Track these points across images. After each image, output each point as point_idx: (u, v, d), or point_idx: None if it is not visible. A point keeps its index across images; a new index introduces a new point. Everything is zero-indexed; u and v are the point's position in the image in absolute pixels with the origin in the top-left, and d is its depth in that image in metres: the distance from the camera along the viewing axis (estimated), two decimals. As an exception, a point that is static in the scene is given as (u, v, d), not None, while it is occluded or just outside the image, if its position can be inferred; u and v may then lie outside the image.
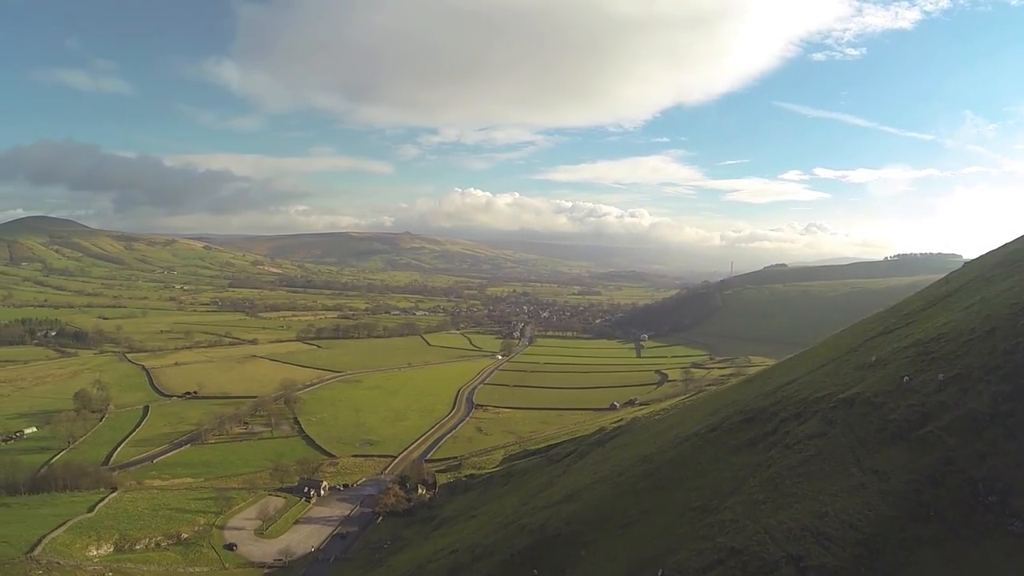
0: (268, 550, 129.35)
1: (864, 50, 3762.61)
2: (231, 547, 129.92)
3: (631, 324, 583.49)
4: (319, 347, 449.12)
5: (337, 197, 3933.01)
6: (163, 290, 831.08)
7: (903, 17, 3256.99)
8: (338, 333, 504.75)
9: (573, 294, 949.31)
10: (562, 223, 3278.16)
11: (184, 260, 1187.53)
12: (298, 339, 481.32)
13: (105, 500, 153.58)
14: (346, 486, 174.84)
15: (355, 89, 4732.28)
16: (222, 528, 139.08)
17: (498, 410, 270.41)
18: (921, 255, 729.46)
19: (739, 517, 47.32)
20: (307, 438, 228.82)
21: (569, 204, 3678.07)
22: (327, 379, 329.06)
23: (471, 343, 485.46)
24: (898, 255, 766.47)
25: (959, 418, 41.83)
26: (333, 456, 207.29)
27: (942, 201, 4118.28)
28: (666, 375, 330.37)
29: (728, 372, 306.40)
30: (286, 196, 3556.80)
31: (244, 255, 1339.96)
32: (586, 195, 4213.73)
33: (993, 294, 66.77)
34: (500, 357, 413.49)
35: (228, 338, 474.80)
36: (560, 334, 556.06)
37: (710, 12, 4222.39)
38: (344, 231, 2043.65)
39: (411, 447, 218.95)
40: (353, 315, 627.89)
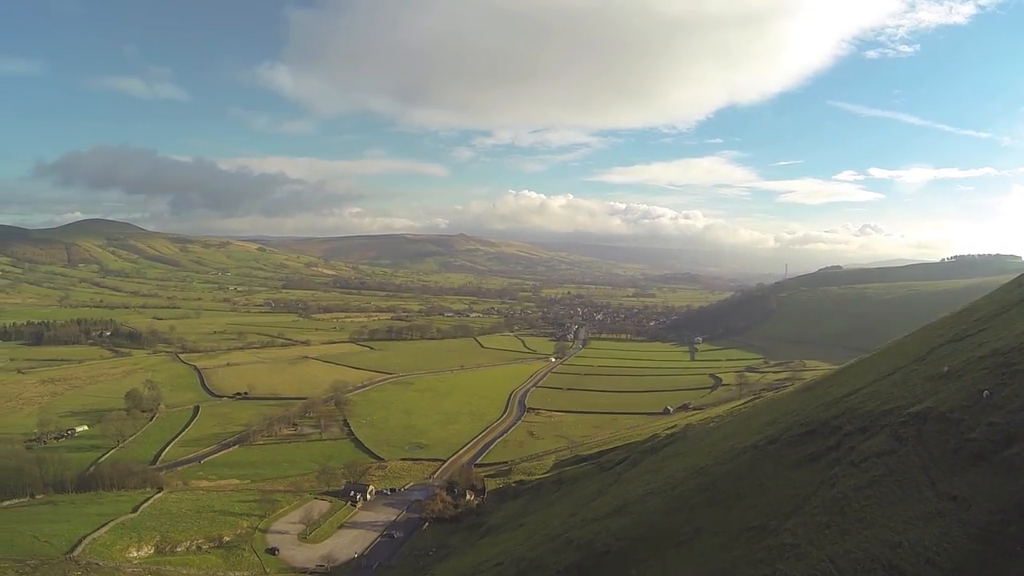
0: (311, 555, 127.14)
1: (918, 47, 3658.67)
2: (273, 551, 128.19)
3: (685, 327, 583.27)
4: (372, 349, 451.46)
5: (391, 199, 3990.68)
6: (217, 291, 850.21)
7: (957, 12, 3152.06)
8: (391, 335, 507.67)
9: (627, 296, 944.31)
10: (616, 225, 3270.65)
11: (238, 262, 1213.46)
12: (351, 340, 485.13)
13: (150, 500, 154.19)
14: (393, 490, 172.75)
15: (407, 92, 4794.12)
16: (265, 532, 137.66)
17: (550, 414, 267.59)
18: (979, 256, 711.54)
19: (800, 542, 43.96)
20: (356, 440, 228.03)
21: (623, 206, 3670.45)
22: (378, 381, 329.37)
23: (524, 345, 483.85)
24: (955, 256, 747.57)
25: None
26: (381, 459, 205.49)
27: (999, 201, 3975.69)
28: (720, 379, 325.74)
29: (783, 376, 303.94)
30: (340, 198, 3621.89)
31: (298, 257, 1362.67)
32: (640, 197, 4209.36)
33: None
34: (553, 360, 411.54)
35: (281, 339, 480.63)
36: (614, 337, 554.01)
37: (762, 10, 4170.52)
38: (398, 233, 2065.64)
39: (461, 451, 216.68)
40: (406, 317, 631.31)
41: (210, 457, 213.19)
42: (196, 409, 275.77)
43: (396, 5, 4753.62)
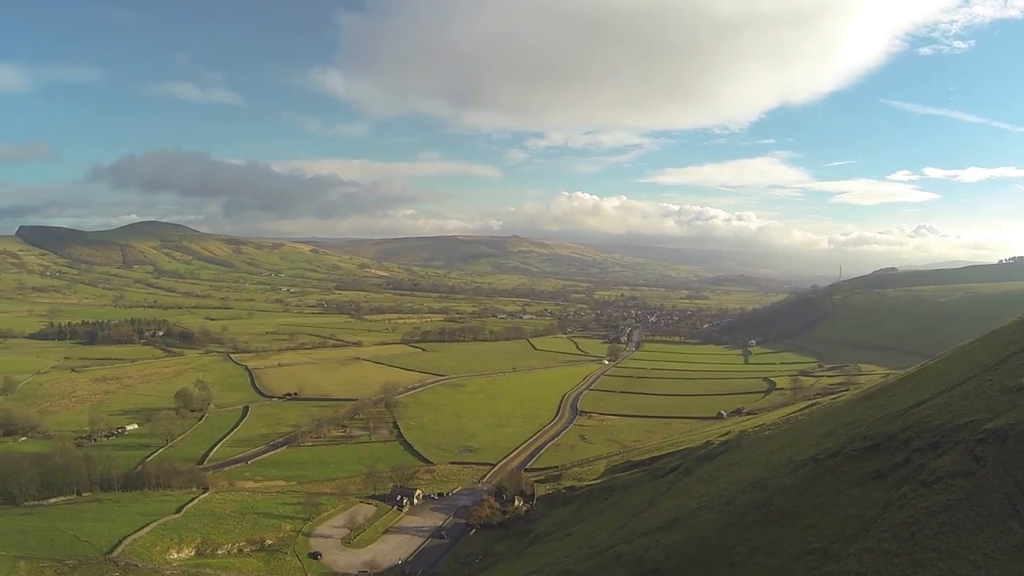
0: (354, 560, 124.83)
1: (972, 42, 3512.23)
2: (316, 556, 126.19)
3: (739, 329, 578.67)
4: (423, 350, 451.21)
5: (444, 201, 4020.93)
6: (269, 292, 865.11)
7: (1013, 6, 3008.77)
8: (443, 336, 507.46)
9: (681, 298, 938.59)
10: (669, 226, 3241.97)
11: (291, 263, 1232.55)
12: (403, 342, 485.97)
13: (194, 501, 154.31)
14: (441, 495, 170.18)
15: (459, 94, 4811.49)
16: (308, 535, 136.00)
17: (602, 417, 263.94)
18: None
19: (867, 570, 41.32)
20: (405, 443, 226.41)
21: (676, 207, 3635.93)
22: (429, 383, 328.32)
23: (578, 347, 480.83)
24: (1013, 258, 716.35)
25: None
26: (430, 463, 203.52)
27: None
28: (774, 383, 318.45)
29: (838, 381, 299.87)
30: (393, 200, 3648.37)
31: (351, 258, 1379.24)
32: (693, 198, 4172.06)
33: None
34: (607, 362, 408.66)
35: (332, 340, 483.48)
36: (667, 339, 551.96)
37: (813, 9, 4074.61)
38: (452, 234, 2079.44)
39: (511, 455, 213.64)
40: (459, 318, 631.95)
41: (257, 458, 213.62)
42: (245, 409, 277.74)
43: (446, 8, 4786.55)
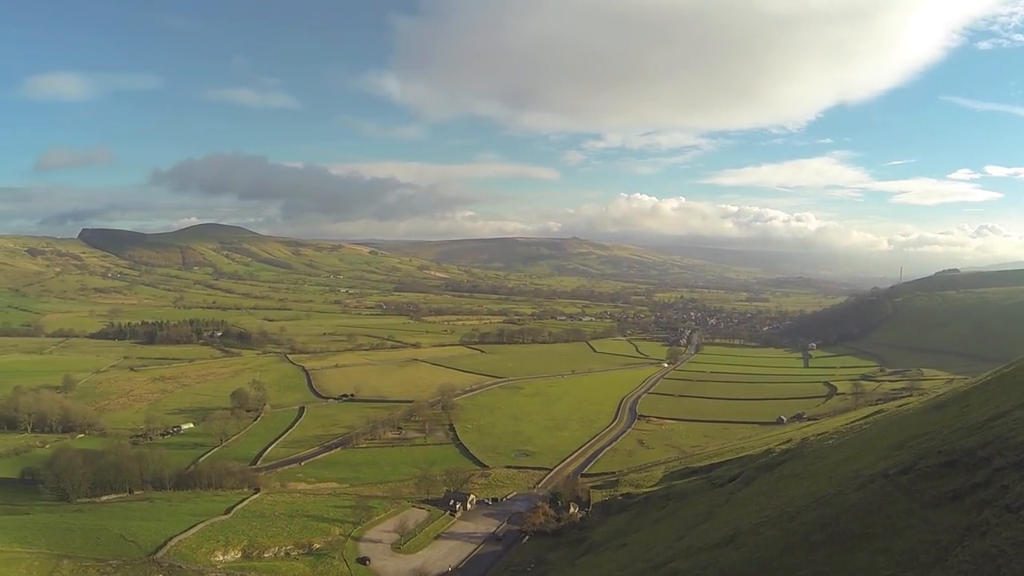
0: (402, 567, 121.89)
1: None
2: (364, 561, 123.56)
3: (798, 332, 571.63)
4: (482, 352, 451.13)
5: (503, 203, 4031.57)
6: (328, 294, 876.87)
7: None
8: (502, 338, 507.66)
9: (740, 300, 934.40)
10: (728, 228, 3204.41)
11: (350, 265, 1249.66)
12: (461, 343, 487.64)
13: (245, 502, 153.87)
14: (495, 500, 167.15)
15: (516, 96, 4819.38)
16: (358, 540, 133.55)
17: (661, 421, 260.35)
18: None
19: None
20: (460, 446, 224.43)
21: (735, 208, 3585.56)
22: (487, 385, 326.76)
23: (637, 350, 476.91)
24: None
25: None
26: (485, 466, 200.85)
27: None
28: (835, 387, 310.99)
29: (900, 386, 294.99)
30: (452, 202, 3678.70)
31: (410, 260, 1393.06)
32: (752, 199, 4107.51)
33: None
34: (666, 365, 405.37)
35: (390, 341, 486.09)
36: (727, 342, 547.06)
37: (868, 4, 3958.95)
38: (511, 236, 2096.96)
39: (568, 459, 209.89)
40: (518, 320, 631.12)
41: (311, 459, 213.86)
42: (301, 410, 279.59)
43: (500, 10, 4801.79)
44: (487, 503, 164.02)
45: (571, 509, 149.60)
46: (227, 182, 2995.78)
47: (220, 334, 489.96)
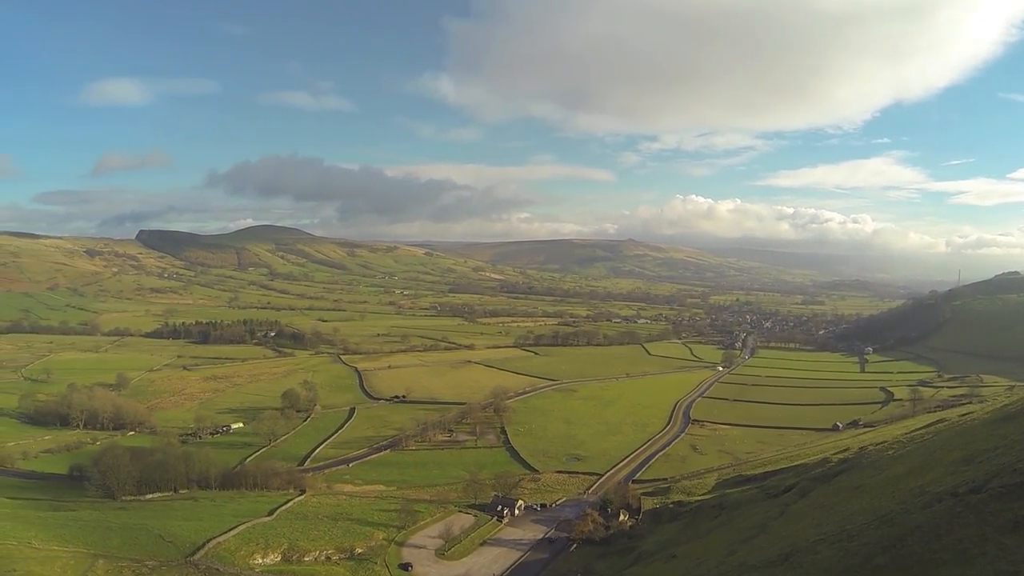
0: (445, 573, 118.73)
1: None
2: (406, 567, 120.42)
3: (854, 336, 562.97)
4: (536, 354, 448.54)
5: (558, 204, 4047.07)
6: (383, 295, 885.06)
7: None
8: (557, 340, 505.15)
9: (796, 303, 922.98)
10: (784, 230, 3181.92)
11: (405, 266, 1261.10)
12: (515, 345, 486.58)
13: (289, 503, 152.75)
14: (543, 506, 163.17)
15: (571, 97, 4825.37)
16: (401, 545, 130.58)
17: (715, 426, 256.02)
18: None
19: None
20: (511, 450, 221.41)
21: (791, 210, 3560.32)
22: (540, 387, 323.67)
23: (692, 353, 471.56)
24: None
25: None
26: (535, 471, 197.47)
27: None
28: (892, 393, 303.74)
29: (959, 393, 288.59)
30: (507, 204, 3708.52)
31: (465, 261, 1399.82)
32: (808, 200, 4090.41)
33: None
34: (721, 368, 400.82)
35: (444, 343, 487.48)
36: (782, 345, 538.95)
37: (924, 0, 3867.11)
38: (566, 238, 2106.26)
39: (620, 465, 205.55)
40: (573, 322, 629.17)
41: (359, 461, 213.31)
42: (352, 411, 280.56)
43: (553, 11, 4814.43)
44: (535, 509, 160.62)
45: (621, 517, 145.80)
46: (283, 184, 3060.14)
47: (273, 334, 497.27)
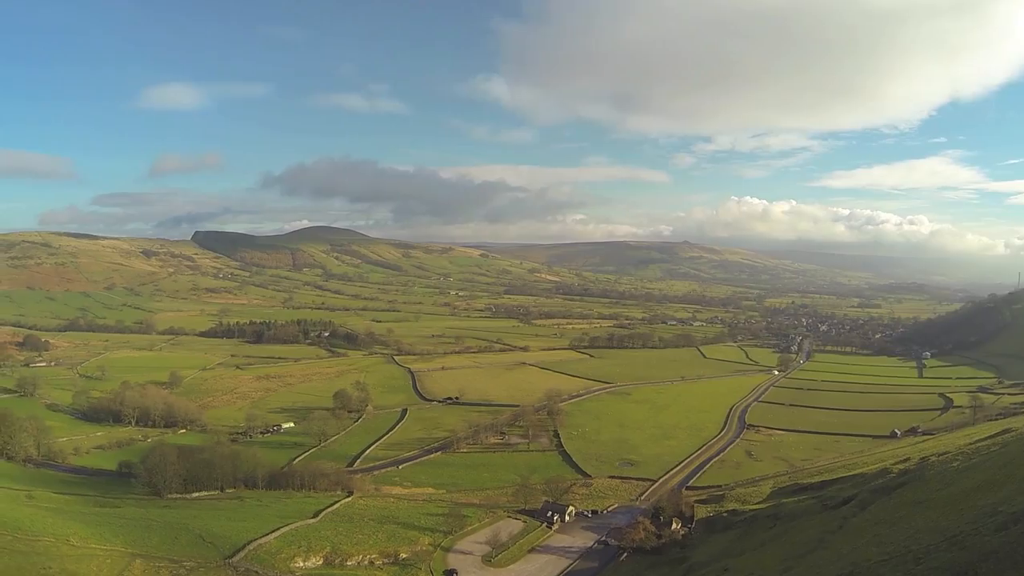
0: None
1: None
2: (451, 574, 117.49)
3: (912, 340, 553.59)
4: (591, 356, 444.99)
5: (613, 206, 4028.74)
6: (438, 296, 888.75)
7: None
8: (612, 342, 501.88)
9: (852, 306, 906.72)
10: (840, 231, 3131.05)
11: (460, 267, 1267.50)
12: (570, 347, 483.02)
13: (335, 505, 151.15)
14: (594, 512, 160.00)
15: (624, 99, 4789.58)
16: (447, 550, 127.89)
17: (770, 432, 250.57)
18: None
19: None
20: (564, 453, 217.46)
21: (846, 212, 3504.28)
22: (595, 390, 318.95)
23: (747, 356, 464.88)
24: None
25: None
26: (588, 476, 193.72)
27: None
28: (951, 400, 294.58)
29: (1022, 400, 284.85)
30: (562, 205, 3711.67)
31: (521, 263, 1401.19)
32: (863, 202, 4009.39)
33: None
34: (776, 372, 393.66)
35: (499, 344, 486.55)
36: (839, 349, 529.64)
37: None
38: (622, 240, 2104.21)
39: (673, 470, 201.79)
40: (629, 324, 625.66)
41: (409, 463, 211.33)
42: (403, 412, 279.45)
43: (603, 12, 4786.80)
44: (586, 515, 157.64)
45: (673, 525, 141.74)
46: (337, 185, 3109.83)
47: (327, 334, 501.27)
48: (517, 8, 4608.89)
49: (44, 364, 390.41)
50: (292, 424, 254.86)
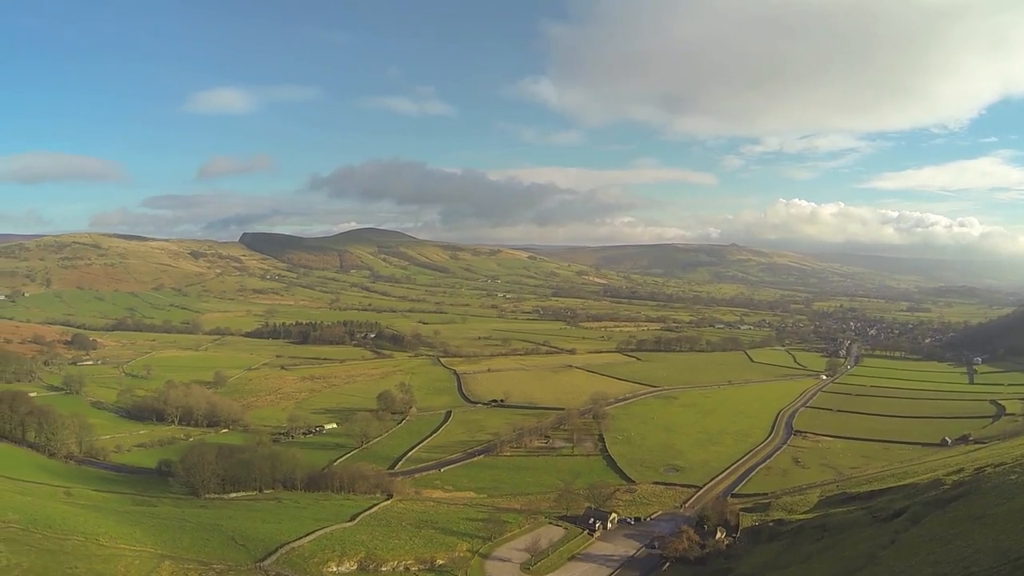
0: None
1: None
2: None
3: (962, 345, 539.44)
4: (638, 359, 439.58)
5: (662, 208, 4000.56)
6: (485, 298, 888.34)
7: None
8: (659, 345, 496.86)
9: (901, 310, 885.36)
10: (888, 234, 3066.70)
11: (508, 269, 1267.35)
12: (617, 350, 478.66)
13: (373, 508, 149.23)
14: (637, 519, 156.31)
15: (672, 100, 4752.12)
16: (485, 557, 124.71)
17: (817, 438, 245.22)
18: None
19: None
20: (608, 458, 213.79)
21: (895, 214, 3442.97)
22: (641, 394, 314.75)
23: (795, 361, 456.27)
24: None
25: None
26: (632, 482, 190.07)
27: None
28: (1003, 407, 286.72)
29: None
30: (610, 208, 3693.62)
31: (569, 265, 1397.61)
32: (912, 204, 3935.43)
33: None
34: (824, 377, 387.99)
35: (546, 347, 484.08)
36: (887, 354, 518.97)
37: None
38: (670, 242, 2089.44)
39: (719, 477, 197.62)
40: (676, 327, 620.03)
41: (451, 466, 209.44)
42: (448, 414, 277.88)
43: (649, 13, 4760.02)
44: (629, 522, 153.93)
45: (718, 535, 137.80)
46: (386, 187, 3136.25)
47: (373, 336, 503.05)
48: (563, 10, 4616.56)
49: (91, 362, 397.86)
50: (335, 425, 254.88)
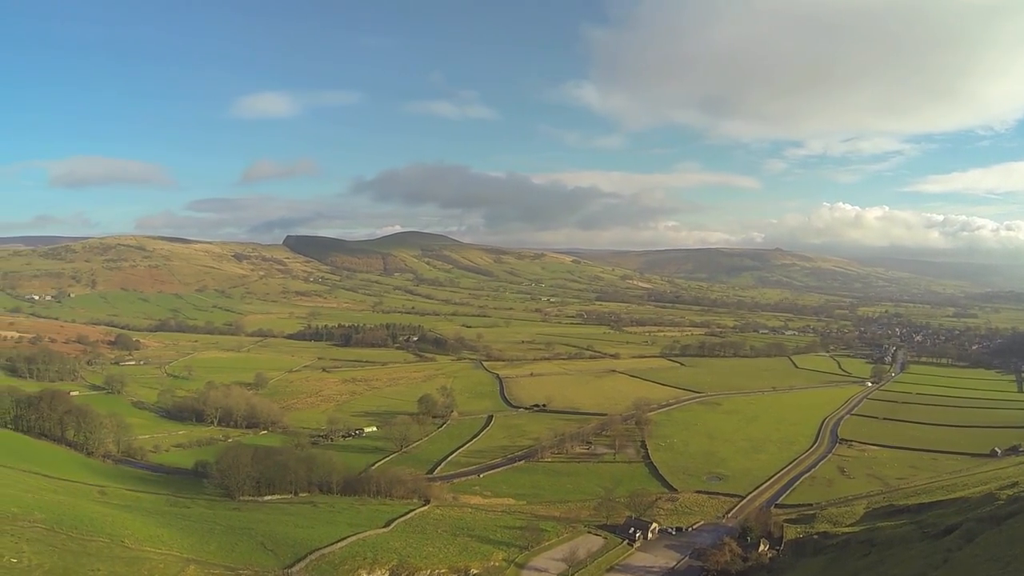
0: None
1: None
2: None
3: (1011, 352, 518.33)
4: (682, 364, 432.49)
5: (705, 212, 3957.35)
6: (529, 302, 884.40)
7: None
8: (703, 351, 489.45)
9: (947, 316, 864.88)
10: (934, 238, 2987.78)
11: (552, 273, 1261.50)
12: (661, 355, 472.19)
13: (409, 514, 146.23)
14: (679, 529, 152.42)
15: (714, 104, 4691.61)
16: (521, 567, 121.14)
17: (863, 447, 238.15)
18: None
19: None
20: (650, 465, 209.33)
21: (940, 217, 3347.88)
22: (684, 400, 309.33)
23: (840, 367, 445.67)
24: None
25: None
26: (674, 490, 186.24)
27: None
28: None
29: None
30: (654, 212, 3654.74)
31: (613, 269, 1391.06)
32: (958, 207, 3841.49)
33: None
34: (869, 384, 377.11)
35: (589, 351, 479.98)
36: (934, 361, 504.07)
37: None
38: (714, 247, 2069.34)
39: (763, 486, 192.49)
40: (720, 332, 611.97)
41: (490, 471, 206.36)
42: (489, 419, 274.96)
43: (689, 16, 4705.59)
44: (670, 532, 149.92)
45: (761, 547, 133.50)
46: (429, 191, 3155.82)
47: (416, 339, 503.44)
48: (604, 14, 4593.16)
49: (133, 363, 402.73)
50: (374, 428, 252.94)
